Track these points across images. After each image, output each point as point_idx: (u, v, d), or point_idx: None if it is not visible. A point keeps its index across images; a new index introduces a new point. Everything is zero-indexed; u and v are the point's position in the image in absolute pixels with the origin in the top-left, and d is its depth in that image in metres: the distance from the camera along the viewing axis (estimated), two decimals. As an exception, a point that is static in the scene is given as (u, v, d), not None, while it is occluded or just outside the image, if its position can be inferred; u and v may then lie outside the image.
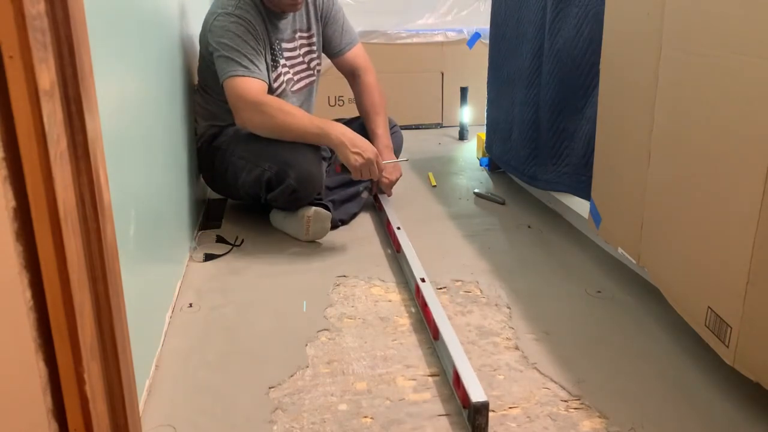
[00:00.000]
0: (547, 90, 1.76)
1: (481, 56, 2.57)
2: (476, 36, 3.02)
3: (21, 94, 0.53)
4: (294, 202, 1.69)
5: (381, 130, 1.91)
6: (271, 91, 1.75)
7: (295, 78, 1.86)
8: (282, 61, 1.80)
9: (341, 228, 1.81)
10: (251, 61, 1.64)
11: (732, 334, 0.97)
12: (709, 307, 1.03)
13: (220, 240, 1.72)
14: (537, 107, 1.84)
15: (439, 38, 2.98)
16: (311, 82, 1.93)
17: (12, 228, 0.54)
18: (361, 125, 1.94)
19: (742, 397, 1.05)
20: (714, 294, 1.02)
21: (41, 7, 0.55)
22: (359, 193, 1.91)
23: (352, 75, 1.99)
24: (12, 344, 0.54)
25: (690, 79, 1.06)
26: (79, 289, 0.60)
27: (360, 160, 1.62)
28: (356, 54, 1.97)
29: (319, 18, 1.91)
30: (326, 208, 1.72)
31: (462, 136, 2.85)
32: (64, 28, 0.58)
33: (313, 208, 1.68)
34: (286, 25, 1.82)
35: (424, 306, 1.28)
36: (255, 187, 1.72)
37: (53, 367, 0.60)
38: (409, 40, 2.93)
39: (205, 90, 1.81)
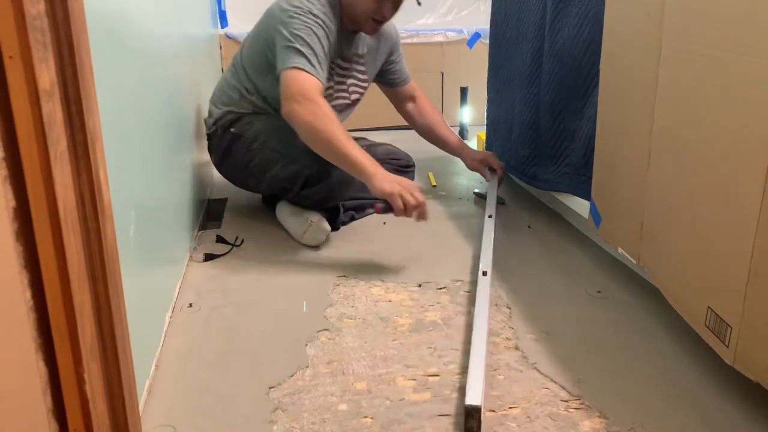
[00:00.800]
0: (547, 90, 1.76)
1: (481, 56, 2.58)
2: (476, 36, 3.02)
3: (21, 94, 0.53)
4: (326, 201, 1.71)
5: (453, 137, 2.10)
6: None
7: (335, 96, 1.88)
8: (329, 75, 1.81)
9: (342, 228, 1.81)
10: (320, 63, 1.61)
11: (732, 334, 0.97)
12: (709, 307, 1.03)
13: (220, 240, 1.72)
14: (537, 107, 1.84)
15: (439, 38, 2.98)
16: (343, 106, 1.92)
17: (12, 228, 0.54)
18: (386, 150, 2.04)
19: (742, 397, 1.05)
20: (714, 294, 1.02)
21: (41, 7, 0.55)
22: (366, 207, 1.92)
23: (411, 100, 2.11)
24: (12, 344, 0.54)
25: (690, 79, 1.06)
26: (79, 289, 0.60)
27: (396, 187, 1.48)
28: (414, 84, 2.12)
29: (384, 49, 1.93)
30: (334, 219, 1.75)
31: (462, 136, 2.85)
32: (64, 28, 0.58)
33: (319, 215, 1.69)
34: (352, 44, 1.82)
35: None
36: (289, 181, 1.71)
37: (53, 367, 0.60)
38: (409, 40, 2.93)
39: (246, 73, 1.78)
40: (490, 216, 1.73)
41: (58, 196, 0.57)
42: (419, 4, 1.79)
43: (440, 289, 1.46)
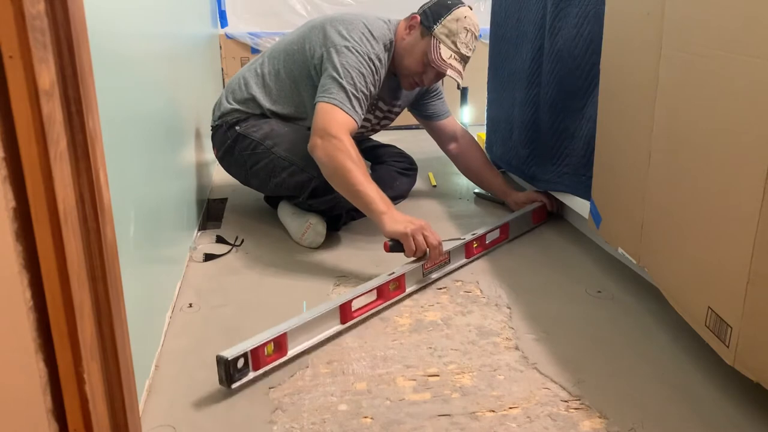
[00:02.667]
0: (547, 90, 1.76)
1: (481, 56, 2.57)
2: (476, 36, 3.02)
3: (21, 94, 0.53)
4: (331, 210, 1.71)
5: (498, 179, 1.99)
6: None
7: (365, 134, 1.94)
8: (368, 116, 1.84)
9: (342, 228, 1.81)
10: (359, 104, 1.61)
11: (732, 334, 0.97)
12: (709, 307, 1.03)
13: (220, 240, 1.72)
14: (537, 107, 1.84)
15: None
16: (367, 137, 2.00)
17: (12, 228, 0.54)
18: (390, 152, 2.06)
19: (742, 397, 1.05)
20: (714, 294, 1.02)
21: (41, 7, 0.55)
22: None
23: (453, 137, 2.05)
24: (12, 344, 0.54)
25: (690, 79, 1.06)
26: (79, 289, 0.60)
27: (410, 227, 1.43)
28: (453, 118, 2.08)
29: (418, 90, 1.93)
30: (336, 222, 1.76)
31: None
32: (64, 28, 0.58)
33: (318, 218, 1.69)
34: (395, 92, 1.86)
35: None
36: (295, 189, 1.71)
37: (53, 367, 0.60)
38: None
39: (278, 80, 1.77)
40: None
41: (58, 196, 0.57)
42: (459, 88, 1.80)
43: (440, 289, 1.46)
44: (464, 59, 1.71)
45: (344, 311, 1.26)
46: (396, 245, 1.44)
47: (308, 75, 1.70)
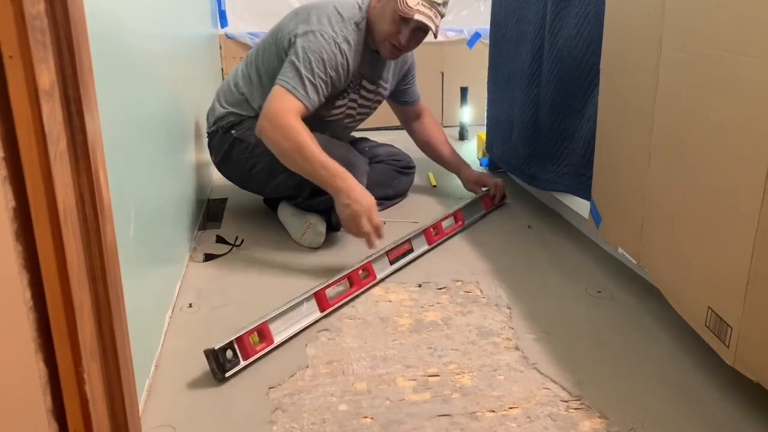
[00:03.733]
0: (547, 90, 1.76)
1: (481, 56, 2.57)
2: (476, 36, 3.02)
3: (21, 94, 0.53)
4: (331, 209, 1.69)
5: (452, 157, 2.09)
6: (320, 116, 1.75)
7: (357, 117, 1.91)
8: (353, 96, 1.82)
9: (342, 229, 1.81)
10: (315, 89, 1.62)
11: (732, 334, 0.97)
12: (709, 307, 1.03)
13: (220, 240, 1.72)
14: (537, 107, 1.84)
15: (439, 38, 2.97)
16: (361, 121, 1.99)
17: (12, 228, 0.54)
18: (388, 152, 2.07)
19: (742, 397, 1.05)
20: (714, 294, 1.02)
21: (41, 7, 0.55)
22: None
23: (417, 116, 2.13)
24: (12, 344, 0.54)
25: (690, 79, 1.06)
26: (79, 289, 0.60)
27: (346, 211, 1.51)
28: (421, 101, 2.14)
29: (399, 72, 1.96)
30: (336, 222, 1.74)
31: (462, 136, 2.85)
32: (64, 28, 0.58)
33: (318, 218, 1.69)
34: (377, 68, 1.84)
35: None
36: (295, 189, 1.71)
37: (53, 367, 0.60)
38: (409, 40, 2.92)
39: (259, 76, 1.78)
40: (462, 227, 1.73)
41: (58, 196, 0.57)
42: (435, 36, 1.79)
43: (440, 289, 1.46)
44: (433, 5, 1.70)
45: (320, 300, 1.33)
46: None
47: (281, 64, 1.69)
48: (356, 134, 2.09)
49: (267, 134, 1.57)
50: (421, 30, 1.72)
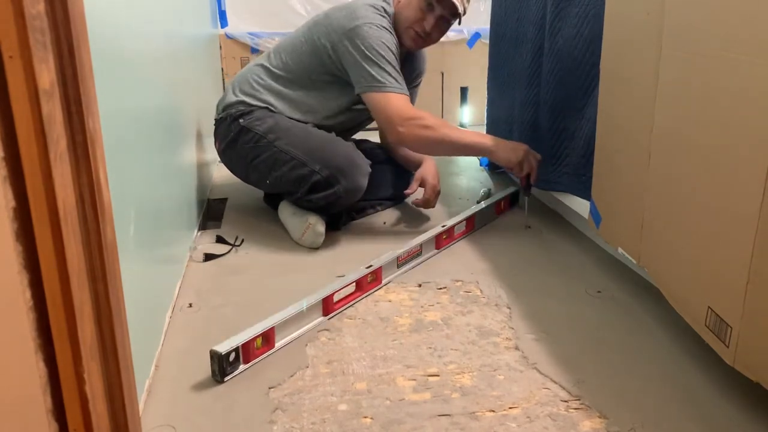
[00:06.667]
0: (547, 90, 1.76)
1: (481, 56, 2.58)
2: (476, 36, 3.02)
3: (21, 94, 0.53)
4: (330, 207, 1.71)
5: (411, 154, 2.01)
6: (343, 107, 1.80)
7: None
8: None
9: (342, 228, 1.81)
10: (398, 74, 1.67)
11: (732, 334, 0.97)
12: (709, 307, 1.03)
13: (220, 240, 1.72)
14: (537, 107, 1.84)
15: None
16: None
17: (12, 228, 0.54)
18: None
19: (742, 397, 1.05)
20: (714, 294, 1.02)
21: (41, 7, 0.55)
22: (366, 208, 1.92)
23: None
24: (12, 344, 0.54)
25: (690, 79, 1.06)
26: (79, 289, 0.60)
27: (513, 156, 1.68)
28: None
29: (410, 73, 1.96)
30: (336, 222, 1.76)
31: (462, 136, 2.85)
32: (64, 28, 0.58)
33: (318, 218, 1.69)
34: (405, 63, 1.86)
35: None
36: (295, 184, 1.71)
37: (53, 367, 0.60)
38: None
39: (285, 72, 1.79)
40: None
41: (58, 196, 0.57)
42: (459, 23, 1.81)
43: (440, 289, 1.46)
44: None
45: (326, 304, 1.32)
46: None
47: (321, 62, 1.74)
48: (356, 136, 2.09)
49: (410, 137, 1.65)
50: (444, 20, 1.76)
